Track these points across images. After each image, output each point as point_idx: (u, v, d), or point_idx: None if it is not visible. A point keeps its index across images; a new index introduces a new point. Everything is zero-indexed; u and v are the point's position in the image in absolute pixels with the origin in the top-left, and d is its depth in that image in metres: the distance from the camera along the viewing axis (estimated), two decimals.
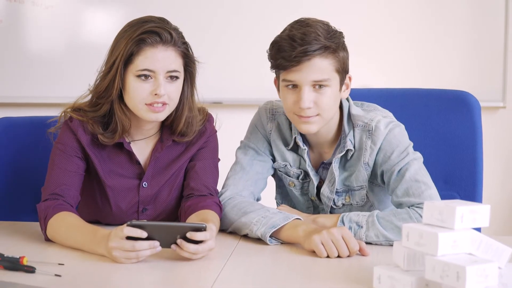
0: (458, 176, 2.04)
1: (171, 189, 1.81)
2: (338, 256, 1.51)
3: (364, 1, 3.54)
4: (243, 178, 1.83)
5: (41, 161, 2.00)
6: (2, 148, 2.07)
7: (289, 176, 1.86)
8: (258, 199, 1.86)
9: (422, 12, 3.56)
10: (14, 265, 1.40)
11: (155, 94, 1.66)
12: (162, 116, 1.70)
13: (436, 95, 2.11)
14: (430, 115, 2.08)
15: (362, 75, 3.32)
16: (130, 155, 1.77)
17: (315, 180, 1.82)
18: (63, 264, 1.43)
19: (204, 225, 1.46)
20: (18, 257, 1.41)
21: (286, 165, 1.85)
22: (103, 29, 3.55)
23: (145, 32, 1.67)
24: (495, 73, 3.60)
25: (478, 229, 1.77)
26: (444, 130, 2.07)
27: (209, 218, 1.63)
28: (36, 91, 3.57)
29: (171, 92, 1.69)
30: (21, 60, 3.58)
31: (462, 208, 1.21)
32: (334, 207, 1.82)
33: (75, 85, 3.65)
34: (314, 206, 1.87)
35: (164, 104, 1.68)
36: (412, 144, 1.75)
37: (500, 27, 3.56)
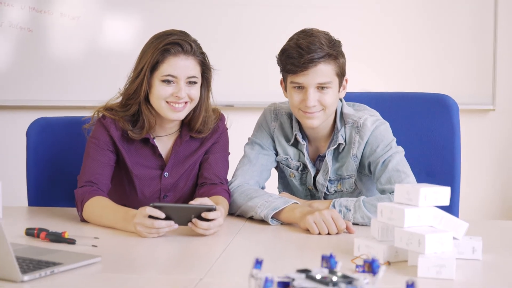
0: (439, 169, 2.26)
1: (188, 178, 2.04)
2: (328, 234, 1.75)
3: (363, 14, 3.67)
4: (250, 169, 2.08)
5: (74, 155, 2.25)
6: (40, 144, 2.31)
7: (290, 168, 2.12)
8: (263, 188, 2.09)
9: (416, 22, 3.68)
10: (58, 238, 1.65)
11: (176, 96, 1.89)
12: (182, 115, 1.93)
13: (420, 98, 2.33)
14: (415, 116, 2.30)
15: (362, 79, 3.51)
16: (154, 149, 2.00)
17: (312, 171, 2.07)
18: (98, 238, 1.68)
19: (214, 206, 1.71)
20: (60, 232, 1.67)
21: (287, 158, 2.11)
22: (124, 37, 3.72)
23: (169, 43, 1.89)
24: (485, 78, 3.68)
25: (455, 212, 2.02)
26: (427, 128, 2.28)
27: (218, 202, 1.87)
28: (64, 95, 3.74)
29: (191, 94, 1.91)
30: (49, 66, 3.74)
31: (425, 189, 1.46)
32: (328, 193, 2.06)
33: (99, 88, 3.91)
34: (312, 194, 2.12)
35: (185, 103, 1.91)
36: (395, 139, 2.00)
37: (489, 36, 3.65)
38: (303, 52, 1.89)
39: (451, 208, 2.16)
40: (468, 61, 3.70)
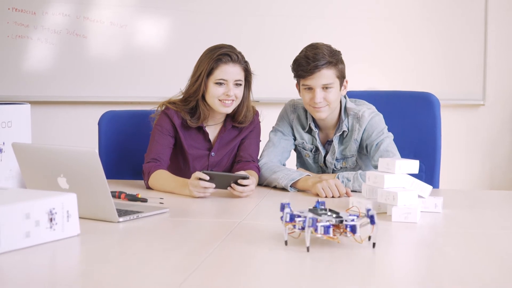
0: (424, 152, 2.77)
1: (229, 157, 2.58)
2: (333, 197, 2.29)
3: (364, 25, 4.01)
4: (274, 151, 2.62)
5: (135, 140, 2.78)
6: (109, 131, 2.85)
7: (305, 150, 2.68)
8: (283, 165, 2.63)
9: (413, 28, 4.03)
10: (134, 197, 2.21)
11: (226, 95, 2.41)
12: (230, 109, 2.45)
13: (409, 96, 2.85)
14: (405, 109, 2.81)
15: (364, 79, 3.88)
16: (205, 135, 2.53)
17: (323, 152, 2.63)
18: (162, 198, 2.24)
19: (247, 175, 2.26)
20: (135, 194, 2.25)
21: (303, 142, 2.66)
22: (166, 44, 4.18)
23: (221, 54, 2.40)
24: (476, 75, 4.00)
25: (436, 183, 2.54)
26: (415, 119, 2.79)
27: (251, 174, 2.42)
28: (122, 92, 4.23)
29: (237, 93, 2.43)
30: (102, 67, 4.23)
31: (400, 161, 2.00)
32: (335, 169, 2.62)
33: (148, 87, 4.36)
34: (323, 170, 2.67)
35: (232, 100, 2.42)
36: (386, 127, 2.53)
37: (480, 38, 3.98)
38: (310, 61, 2.41)
39: (433, 181, 2.70)
40: (459, 60, 4.02)
